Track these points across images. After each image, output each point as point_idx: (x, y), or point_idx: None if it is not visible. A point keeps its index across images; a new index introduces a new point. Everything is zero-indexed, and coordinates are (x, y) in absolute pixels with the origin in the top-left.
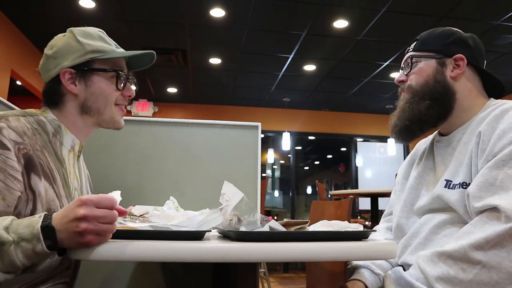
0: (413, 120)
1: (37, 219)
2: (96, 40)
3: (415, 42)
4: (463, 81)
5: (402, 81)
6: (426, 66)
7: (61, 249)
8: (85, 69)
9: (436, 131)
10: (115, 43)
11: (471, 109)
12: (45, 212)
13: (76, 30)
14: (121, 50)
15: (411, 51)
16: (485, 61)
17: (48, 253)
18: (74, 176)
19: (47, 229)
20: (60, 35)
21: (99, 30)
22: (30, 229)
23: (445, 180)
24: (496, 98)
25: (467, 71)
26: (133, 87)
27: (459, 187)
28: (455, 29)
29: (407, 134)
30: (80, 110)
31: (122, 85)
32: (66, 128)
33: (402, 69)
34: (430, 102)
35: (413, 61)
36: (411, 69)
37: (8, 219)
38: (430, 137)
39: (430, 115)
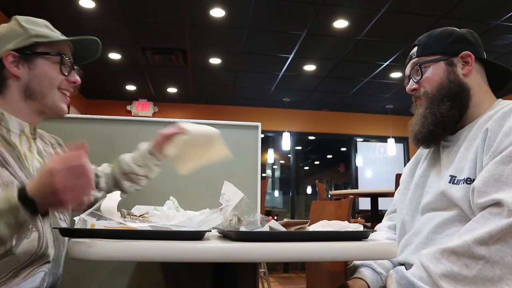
0: (436, 124)
1: (12, 191)
2: (41, 27)
3: (415, 48)
4: (474, 76)
5: (415, 89)
6: (436, 70)
7: (43, 213)
8: (28, 53)
9: None
10: (61, 33)
11: (481, 104)
12: (17, 184)
13: (20, 17)
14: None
15: (415, 58)
16: (484, 52)
17: (29, 221)
18: (33, 158)
19: (25, 200)
20: (4, 24)
21: (45, 21)
22: (7, 204)
23: (450, 175)
24: (505, 86)
25: (475, 65)
26: (77, 76)
27: (464, 183)
28: (451, 28)
29: (432, 139)
30: (23, 94)
31: (67, 70)
32: (10, 114)
33: (410, 78)
34: (451, 103)
35: (422, 67)
36: (422, 76)
37: None
38: None
39: (452, 116)
